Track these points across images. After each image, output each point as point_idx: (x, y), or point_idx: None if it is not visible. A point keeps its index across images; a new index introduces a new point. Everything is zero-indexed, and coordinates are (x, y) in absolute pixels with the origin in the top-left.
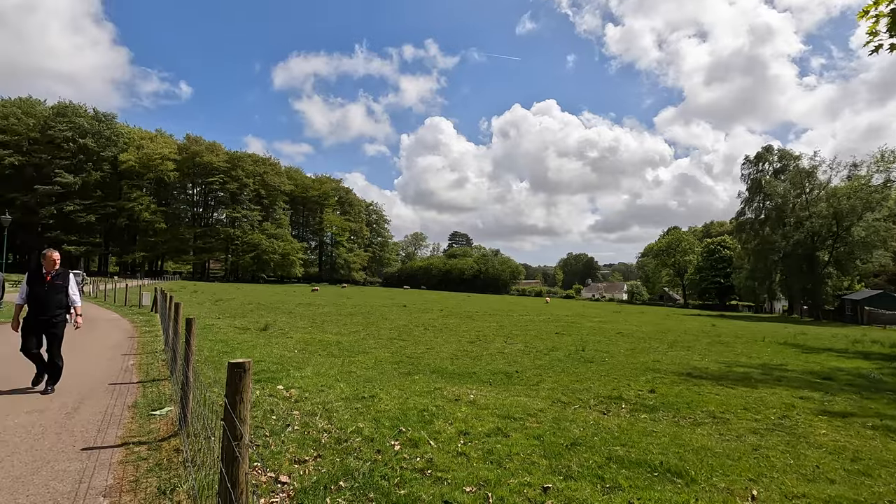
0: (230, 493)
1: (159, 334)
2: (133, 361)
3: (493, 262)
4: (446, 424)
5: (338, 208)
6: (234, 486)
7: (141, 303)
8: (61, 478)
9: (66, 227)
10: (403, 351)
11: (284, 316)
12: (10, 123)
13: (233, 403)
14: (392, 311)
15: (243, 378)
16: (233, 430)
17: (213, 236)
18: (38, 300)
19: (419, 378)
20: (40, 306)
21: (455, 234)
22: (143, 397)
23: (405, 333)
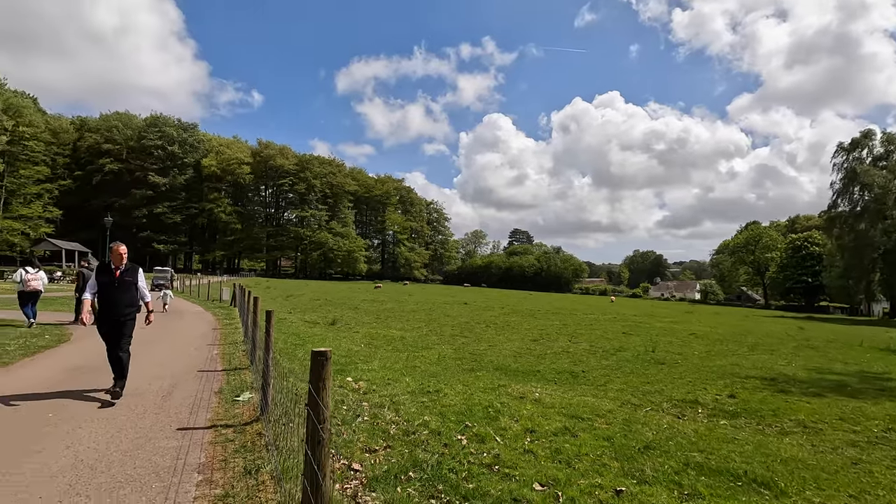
0: (316, 474)
1: (239, 327)
2: (217, 351)
3: (554, 260)
4: (512, 421)
5: (399, 207)
6: (320, 467)
7: (221, 297)
8: (161, 454)
9: (155, 227)
10: (466, 347)
11: (350, 311)
12: (112, 134)
13: (316, 389)
14: (453, 309)
15: (325, 366)
16: (317, 414)
17: (283, 235)
18: (106, 297)
19: (483, 375)
20: (109, 304)
21: (515, 231)
22: (227, 384)
23: (467, 330)
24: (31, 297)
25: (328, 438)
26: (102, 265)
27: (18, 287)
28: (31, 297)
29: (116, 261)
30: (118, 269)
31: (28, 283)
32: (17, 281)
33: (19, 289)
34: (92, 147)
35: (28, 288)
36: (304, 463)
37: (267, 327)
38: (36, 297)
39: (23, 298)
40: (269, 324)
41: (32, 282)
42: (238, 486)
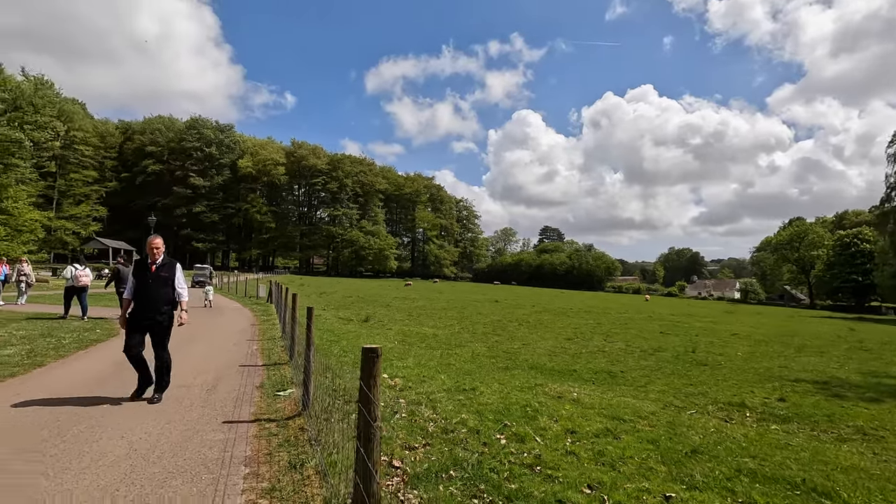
0: (369, 470)
1: (276, 322)
2: (257, 346)
3: (586, 258)
4: (551, 422)
5: (429, 205)
6: (372, 464)
7: (258, 294)
8: (209, 446)
9: (194, 225)
10: (499, 346)
11: (382, 309)
12: (155, 137)
13: (368, 386)
14: (484, 307)
15: (376, 362)
16: (369, 411)
17: (316, 234)
18: (142, 294)
19: (518, 373)
20: (144, 301)
21: (546, 228)
22: (269, 379)
23: (500, 328)
24: (79, 292)
25: (379, 436)
26: (139, 261)
27: (69, 283)
28: (80, 292)
29: (151, 254)
30: (153, 263)
31: (78, 279)
32: (68, 277)
33: (69, 284)
34: (136, 149)
35: (78, 283)
36: (356, 460)
37: (308, 324)
38: (84, 291)
39: (71, 293)
40: (309, 320)
41: (82, 278)
42: (284, 479)
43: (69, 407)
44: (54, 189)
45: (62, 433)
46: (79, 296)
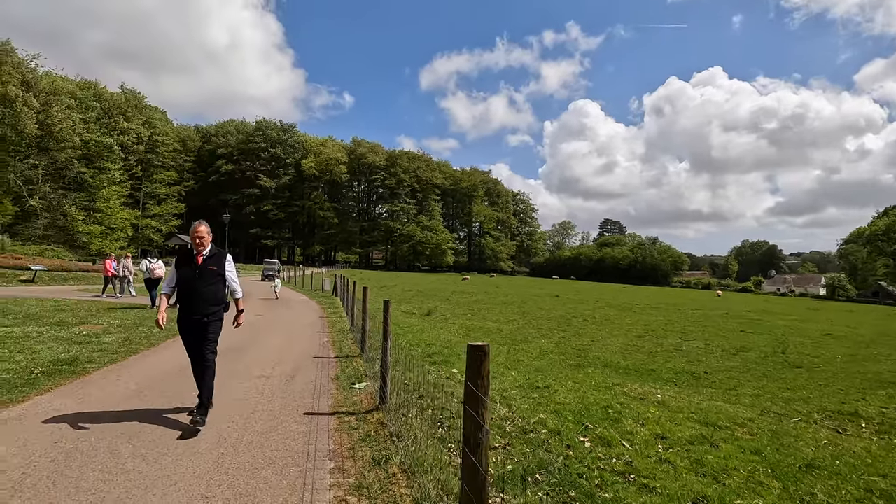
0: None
1: (343, 315)
2: (328, 339)
3: (650, 251)
4: (637, 425)
5: (485, 199)
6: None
7: (323, 287)
8: (293, 437)
9: (263, 223)
10: (567, 342)
11: (442, 302)
12: (226, 140)
13: (476, 385)
14: (545, 301)
15: (484, 361)
16: (477, 412)
17: (375, 229)
18: (185, 291)
19: (592, 372)
20: (189, 299)
21: (606, 221)
22: (342, 371)
23: (564, 324)
24: (157, 283)
25: (487, 441)
26: (182, 251)
27: (145, 275)
28: (156, 284)
29: (197, 244)
30: (200, 254)
31: (153, 271)
32: (144, 270)
33: (146, 276)
34: (210, 151)
35: (154, 275)
36: (462, 466)
37: (384, 317)
38: (158, 283)
39: (150, 284)
40: (386, 313)
41: (157, 270)
42: (370, 476)
43: (162, 395)
44: (140, 190)
45: (155, 418)
46: (153, 286)
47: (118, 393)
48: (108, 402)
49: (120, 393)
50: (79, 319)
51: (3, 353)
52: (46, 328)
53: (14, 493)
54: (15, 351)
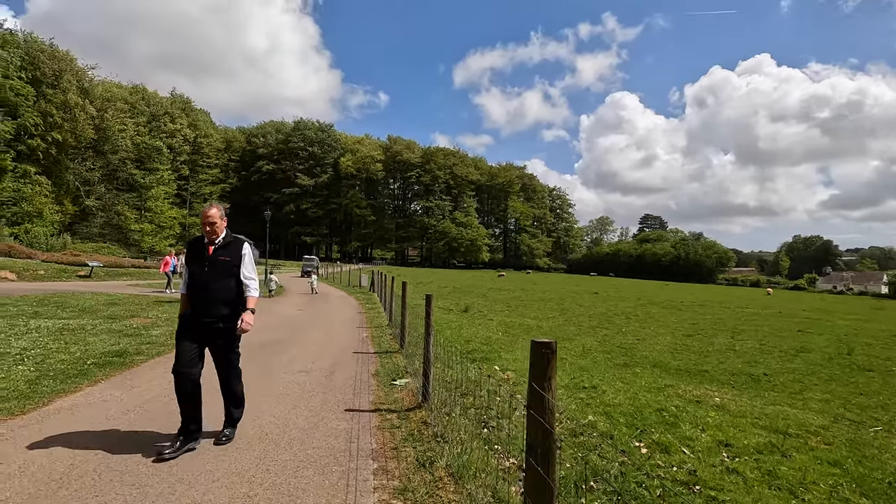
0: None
1: (381, 311)
2: (367, 334)
3: (694, 247)
4: (697, 430)
5: (521, 195)
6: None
7: (360, 283)
8: (335, 435)
9: (302, 221)
10: (611, 340)
11: (479, 299)
12: (267, 140)
13: (542, 387)
14: (584, 298)
15: (551, 360)
16: (544, 417)
17: (410, 226)
18: (196, 288)
19: (641, 372)
20: (200, 297)
21: (646, 216)
22: (382, 367)
23: (606, 321)
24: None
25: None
26: (192, 242)
27: (180, 269)
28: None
29: (207, 231)
30: (211, 243)
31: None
32: (180, 264)
33: (180, 269)
34: (251, 151)
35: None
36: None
37: (427, 311)
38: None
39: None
40: (428, 307)
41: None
42: (415, 479)
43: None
44: (187, 190)
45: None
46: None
47: (164, 385)
48: (154, 393)
49: (165, 385)
50: (129, 313)
51: (60, 344)
52: (100, 321)
53: (61, 486)
54: (71, 342)
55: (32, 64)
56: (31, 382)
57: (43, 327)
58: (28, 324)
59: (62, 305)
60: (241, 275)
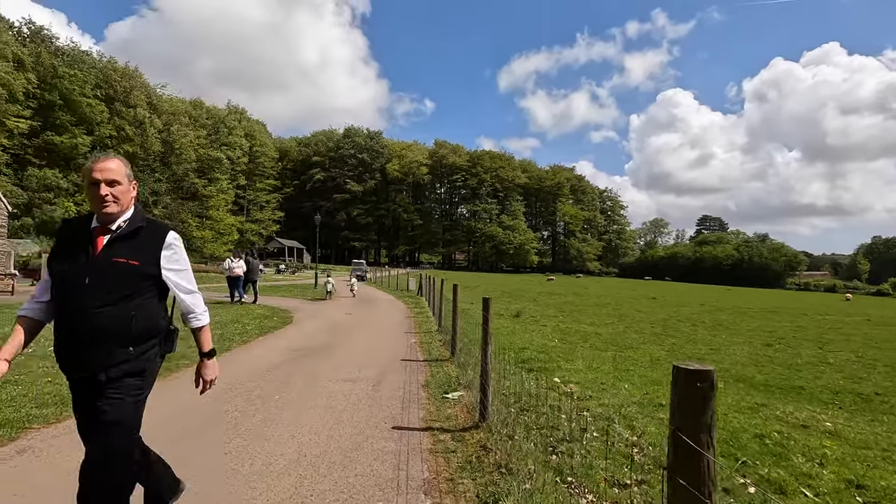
0: None
1: (429, 315)
2: (415, 340)
3: (759, 250)
4: (814, 465)
5: (570, 197)
6: None
7: (408, 287)
8: (381, 458)
9: (352, 227)
10: (681, 349)
11: (530, 303)
12: (318, 149)
13: (698, 441)
14: (641, 303)
15: (709, 400)
16: (701, 491)
17: (457, 229)
18: (63, 309)
19: (724, 388)
20: (68, 329)
21: (704, 218)
22: (432, 377)
23: (670, 328)
24: (236, 281)
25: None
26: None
27: (226, 273)
28: (236, 281)
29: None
30: (104, 227)
31: (233, 269)
32: (226, 268)
33: (227, 274)
34: (304, 159)
35: (233, 274)
36: None
37: (484, 317)
38: (239, 280)
39: (229, 282)
40: (486, 312)
41: (236, 269)
42: None
43: (247, 396)
44: (244, 198)
45: (238, 425)
46: (235, 283)
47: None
48: (192, 403)
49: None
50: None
51: None
52: None
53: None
54: None
55: (106, 82)
56: None
57: None
58: None
59: None
60: (173, 289)
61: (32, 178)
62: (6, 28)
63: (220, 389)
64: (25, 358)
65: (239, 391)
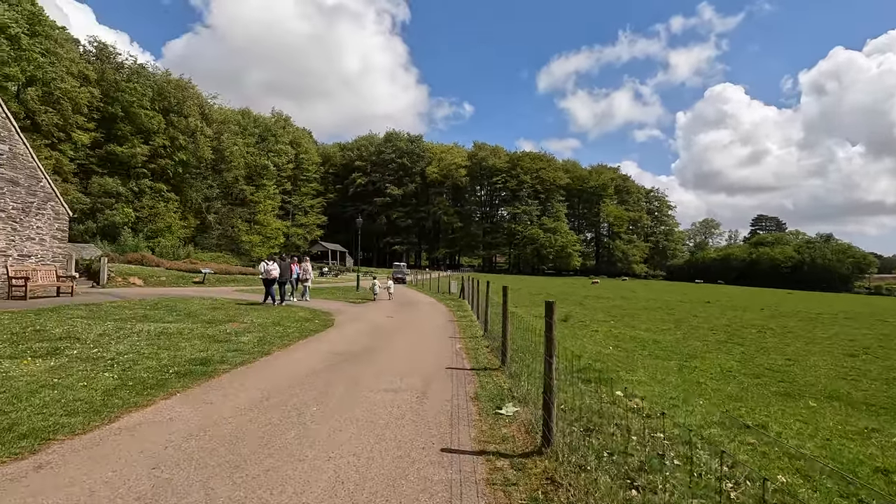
0: None
1: (473, 319)
2: (460, 345)
3: (822, 251)
4: None
5: (615, 198)
6: None
7: (450, 290)
8: (430, 490)
9: (392, 230)
10: (753, 360)
11: (576, 307)
12: (361, 153)
13: None
14: (697, 308)
15: None
16: None
17: (497, 232)
18: None
19: (817, 406)
20: None
21: (760, 217)
22: (482, 388)
23: (735, 336)
24: (271, 283)
25: None
26: None
27: (262, 276)
28: (271, 283)
29: None
30: None
31: (269, 272)
32: (261, 271)
33: (262, 277)
34: (347, 164)
35: (269, 276)
36: None
37: (547, 323)
38: (273, 282)
39: (265, 284)
40: (549, 318)
41: (273, 271)
42: None
43: (283, 408)
44: (290, 203)
45: (270, 442)
46: (269, 285)
47: (239, 402)
48: (226, 413)
49: (241, 402)
50: (228, 318)
51: (153, 349)
52: (198, 325)
53: None
54: (163, 348)
55: (161, 94)
56: (108, 393)
57: (144, 331)
58: (134, 327)
59: (171, 309)
60: None
61: (95, 186)
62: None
63: (257, 398)
64: (68, 360)
65: (275, 401)
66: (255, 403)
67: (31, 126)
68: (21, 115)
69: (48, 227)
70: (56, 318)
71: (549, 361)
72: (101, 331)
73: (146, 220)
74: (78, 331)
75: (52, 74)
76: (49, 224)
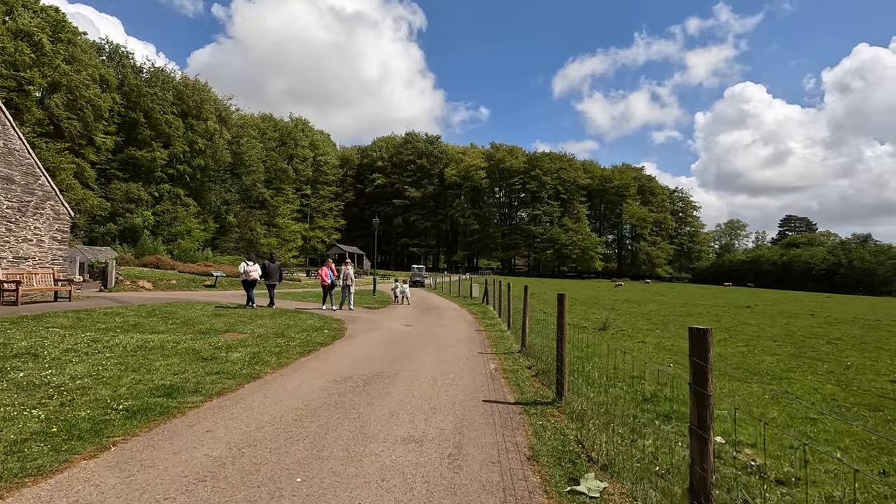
0: None
1: (502, 328)
2: (494, 365)
3: (860, 252)
4: None
5: (638, 198)
6: None
7: (471, 294)
8: None
9: (410, 232)
10: (854, 383)
11: (609, 312)
12: (380, 154)
13: None
14: (740, 314)
15: None
16: None
17: (516, 233)
18: None
19: None
20: None
21: (788, 218)
22: (538, 439)
23: (804, 348)
24: (251, 285)
25: None
26: None
27: (242, 276)
28: (252, 285)
29: None
30: None
31: (249, 273)
32: (241, 272)
33: (242, 278)
34: (366, 165)
35: (249, 277)
36: None
37: (697, 366)
38: (254, 284)
39: (245, 285)
40: (702, 350)
41: (252, 272)
42: None
43: (250, 477)
44: (308, 206)
45: None
46: (250, 287)
47: (193, 465)
48: (159, 492)
49: (195, 465)
50: (227, 326)
51: (117, 371)
52: (189, 336)
53: None
54: (130, 369)
55: (179, 99)
56: (10, 448)
57: (121, 345)
58: (112, 340)
59: (168, 316)
60: None
61: (116, 190)
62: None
63: (218, 459)
64: (3, 388)
65: (242, 465)
66: (212, 469)
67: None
68: (45, 122)
69: (47, 228)
70: (31, 327)
71: (706, 439)
72: (71, 344)
73: (166, 224)
74: (44, 345)
75: (77, 81)
76: (48, 224)
